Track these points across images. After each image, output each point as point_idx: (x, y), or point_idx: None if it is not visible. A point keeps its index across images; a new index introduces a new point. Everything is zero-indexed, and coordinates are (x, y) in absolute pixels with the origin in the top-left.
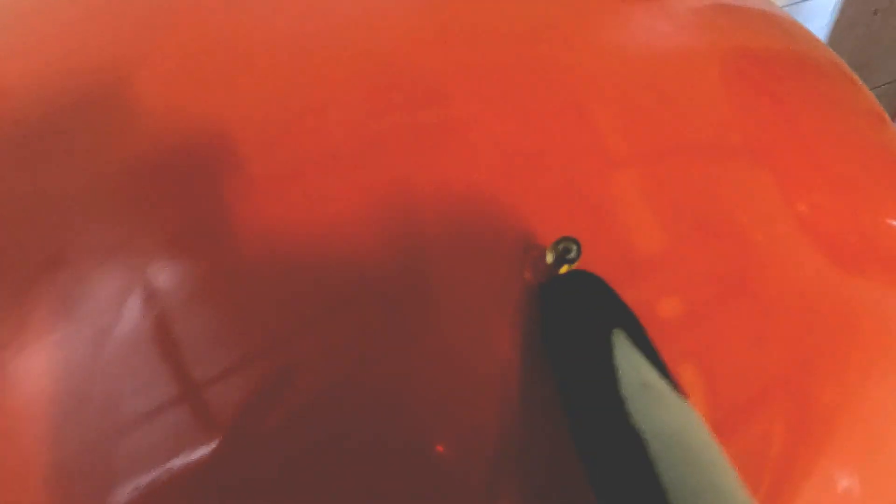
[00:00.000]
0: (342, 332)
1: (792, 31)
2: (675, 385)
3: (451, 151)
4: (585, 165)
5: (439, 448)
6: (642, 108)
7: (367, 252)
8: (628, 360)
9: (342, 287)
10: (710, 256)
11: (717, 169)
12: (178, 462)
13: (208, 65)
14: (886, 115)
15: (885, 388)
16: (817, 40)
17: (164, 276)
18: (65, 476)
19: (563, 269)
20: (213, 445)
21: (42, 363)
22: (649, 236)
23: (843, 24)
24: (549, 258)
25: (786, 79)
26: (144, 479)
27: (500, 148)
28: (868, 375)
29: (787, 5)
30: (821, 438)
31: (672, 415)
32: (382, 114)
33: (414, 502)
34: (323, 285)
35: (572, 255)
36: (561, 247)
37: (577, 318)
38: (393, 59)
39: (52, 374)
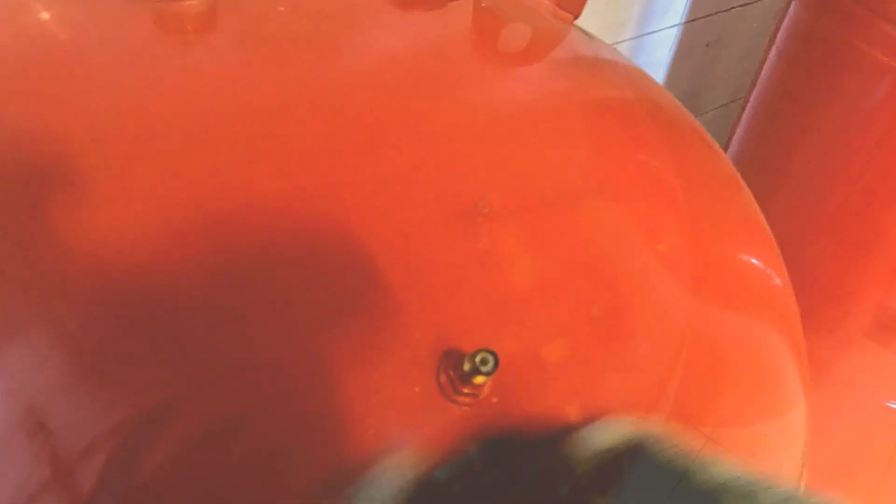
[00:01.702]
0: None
1: (643, 84)
2: None
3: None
4: (461, 218)
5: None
6: (511, 160)
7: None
8: None
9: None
10: (586, 298)
11: (582, 215)
12: None
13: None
14: (738, 175)
15: (763, 423)
16: (670, 97)
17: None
18: None
19: (479, 379)
20: None
21: None
22: (528, 283)
23: (680, 55)
24: (467, 367)
25: (646, 133)
26: None
27: (372, 195)
28: (744, 412)
29: (633, 38)
30: None
31: None
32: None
33: None
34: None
35: (488, 367)
36: (478, 358)
37: None
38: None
39: None
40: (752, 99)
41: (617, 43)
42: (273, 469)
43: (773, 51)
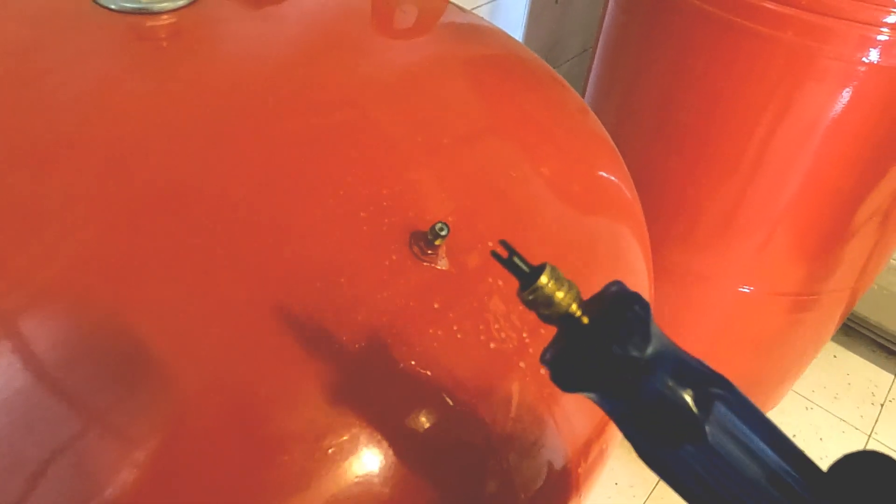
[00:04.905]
0: None
1: (508, 43)
2: None
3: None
4: (385, 155)
5: None
6: (418, 112)
7: None
8: None
9: None
10: (496, 215)
11: (482, 150)
12: None
13: None
14: (587, 105)
15: None
16: (527, 49)
17: None
18: None
19: (439, 241)
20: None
21: None
22: (446, 206)
23: (534, 14)
24: (430, 235)
25: (513, 82)
26: None
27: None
28: (605, 283)
29: (489, 2)
30: None
31: None
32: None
33: None
34: None
35: (445, 232)
36: (437, 227)
37: None
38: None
39: None
40: (599, 47)
41: (476, 8)
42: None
43: (612, 3)
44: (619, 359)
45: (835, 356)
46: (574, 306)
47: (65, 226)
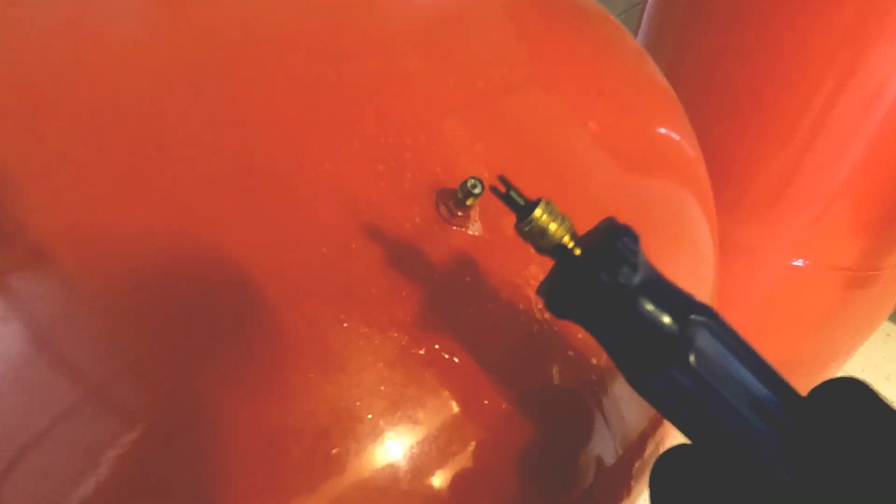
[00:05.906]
0: None
1: None
2: None
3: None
4: (409, 101)
5: None
6: (451, 58)
7: None
8: None
9: None
10: (538, 172)
11: (523, 98)
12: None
13: None
14: (645, 51)
15: (675, 261)
16: None
17: None
18: None
19: (471, 201)
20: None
21: None
22: (480, 161)
23: None
24: (461, 194)
25: (561, 24)
26: None
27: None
28: (663, 254)
29: None
30: None
31: None
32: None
33: None
34: None
35: (478, 189)
36: (469, 183)
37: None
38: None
39: None
40: (649, 3)
41: None
42: None
43: None
44: (608, 286)
45: (888, 335)
46: (567, 238)
47: (58, 176)
